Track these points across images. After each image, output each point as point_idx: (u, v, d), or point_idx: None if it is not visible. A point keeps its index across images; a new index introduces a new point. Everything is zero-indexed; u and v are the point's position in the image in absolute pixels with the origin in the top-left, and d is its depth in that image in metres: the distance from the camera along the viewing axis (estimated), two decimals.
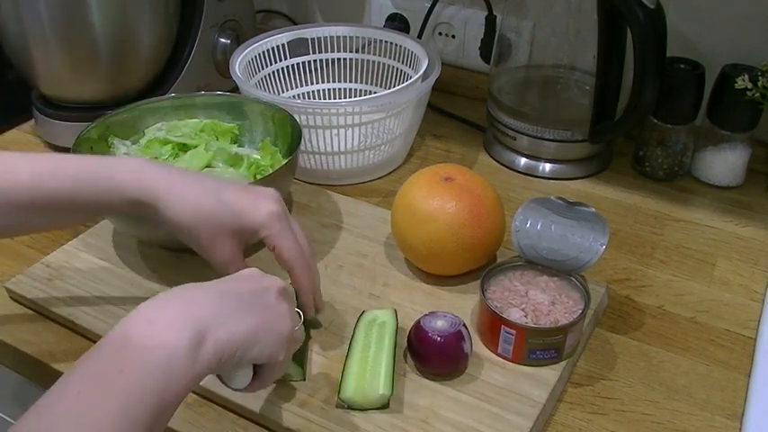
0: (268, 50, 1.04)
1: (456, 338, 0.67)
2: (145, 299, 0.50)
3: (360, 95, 1.09)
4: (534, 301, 0.71)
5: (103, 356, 0.47)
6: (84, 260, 0.81)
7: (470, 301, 0.76)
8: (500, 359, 0.70)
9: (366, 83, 1.09)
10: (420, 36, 1.18)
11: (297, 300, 0.68)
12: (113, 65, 0.99)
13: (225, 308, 0.52)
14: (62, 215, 0.67)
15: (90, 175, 0.65)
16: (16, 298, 0.78)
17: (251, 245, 0.70)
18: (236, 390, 0.56)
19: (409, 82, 0.94)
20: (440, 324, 0.68)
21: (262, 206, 0.67)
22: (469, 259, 0.77)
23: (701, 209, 0.94)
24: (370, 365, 0.67)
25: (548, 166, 1.00)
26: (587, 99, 0.96)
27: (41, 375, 0.73)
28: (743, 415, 0.67)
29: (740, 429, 0.66)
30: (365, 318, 0.72)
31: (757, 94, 0.89)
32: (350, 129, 0.93)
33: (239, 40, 1.11)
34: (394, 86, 1.01)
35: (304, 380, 0.68)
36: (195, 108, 0.92)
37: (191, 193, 0.66)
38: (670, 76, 0.92)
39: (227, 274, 0.59)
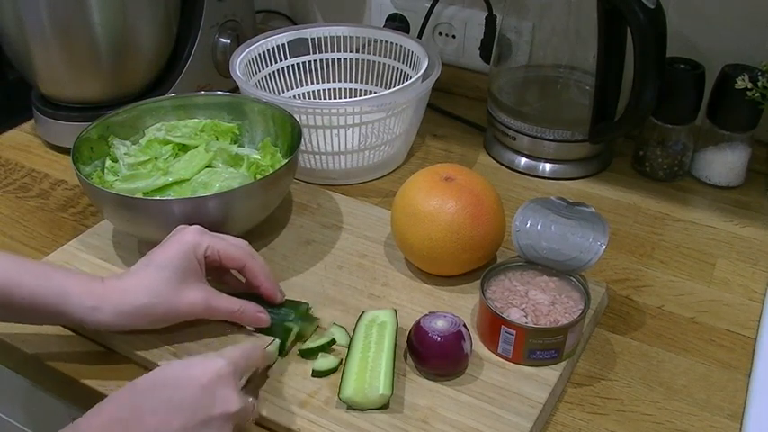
0: (268, 50, 1.04)
1: (456, 338, 0.67)
2: None
3: (360, 95, 1.09)
4: (534, 301, 0.71)
5: None
6: (84, 260, 0.81)
7: (470, 301, 0.76)
8: (500, 359, 0.70)
9: (366, 83, 1.09)
10: (420, 36, 1.18)
11: (260, 293, 0.72)
12: (113, 65, 0.99)
13: None
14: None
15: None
16: None
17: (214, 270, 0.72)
18: None
19: (409, 82, 0.94)
20: (440, 324, 0.68)
21: (184, 235, 0.70)
22: (469, 259, 0.77)
23: (701, 209, 0.94)
24: (370, 365, 0.66)
25: (548, 166, 1.00)
26: (587, 99, 0.96)
27: (42, 376, 0.73)
28: (743, 415, 0.67)
29: (740, 429, 0.66)
30: (365, 318, 0.72)
31: (757, 94, 0.89)
32: (350, 129, 0.93)
33: (239, 40, 1.11)
34: (394, 86, 1.01)
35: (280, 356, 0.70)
36: (195, 108, 0.92)
37: (131, 280, 0.67)
38: (670, 76, 0.92)
39: (212, 311, 0.68)
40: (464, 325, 0.68)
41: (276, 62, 1.05)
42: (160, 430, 0.53)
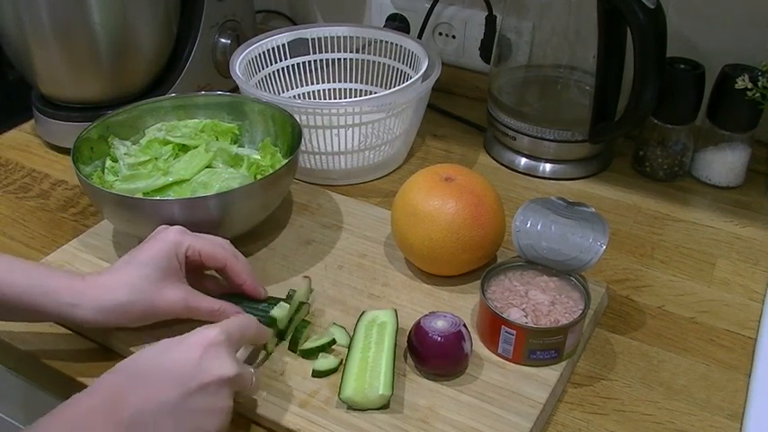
0: (268, 50, 1.04)
1: (456, 338, 0.67)
2: None
3: (360, 95, 1.09)
4: (534, 301, 0.71)
5: None
6: (84, 260, 0.81)
7: (470, 301, 0.76)
8: (500, 359, 0.70)
9: (366, 83, 1.09)
10: (420, 36, 1.18)
11: (243, 292, 0.72)
12: (113, 65, 0.99)
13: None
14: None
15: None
16: None
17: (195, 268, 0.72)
18: None
19: (409, 82, 0.94)
20: (440, 324, 0.68)
21: (167, 234, 0.70)
22: (469, 259, 0.77)
23: (701, 209, 0.94)
24: (370, 365, 0.66)
25: (548, 166, 1.00)
26: (587, 99, 0.96)
27: (38, 374, 0.73)
28: (743, 415, 0.67)
29: (740, 429, 0.66)
30: (365, 318, 0.72)
31: (757, 94, 0.89)
32: (350, 129, 0.93)
33: (239, 40, 1.11)
34: (394, 86, 1.01)
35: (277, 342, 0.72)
36: (195, 108, 0.92)
37: (111, 277, 0.67)
38: (670, 76, 0.92)
39: (192, 311, 0.67)
40: (464, 325, 0.68)
41: (276, 62, 1.05)
42: (161, 402, 0.54)
